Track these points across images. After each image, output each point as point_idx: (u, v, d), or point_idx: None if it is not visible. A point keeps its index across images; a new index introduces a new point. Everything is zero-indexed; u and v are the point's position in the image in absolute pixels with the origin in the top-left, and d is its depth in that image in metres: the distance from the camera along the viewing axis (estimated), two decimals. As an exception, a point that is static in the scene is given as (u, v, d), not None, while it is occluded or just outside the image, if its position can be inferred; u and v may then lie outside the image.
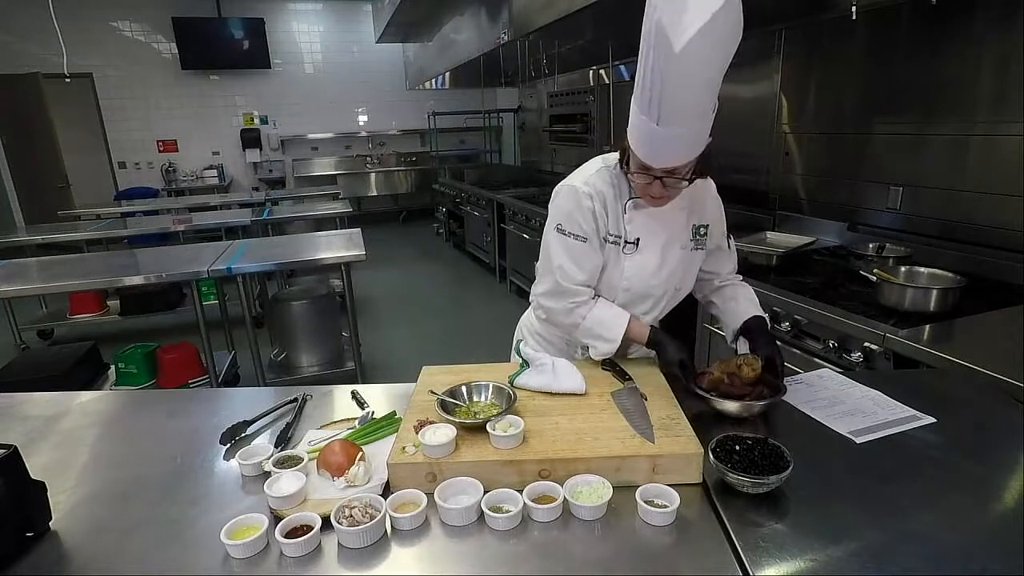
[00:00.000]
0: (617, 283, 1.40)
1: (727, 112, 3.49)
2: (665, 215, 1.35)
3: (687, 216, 1.38)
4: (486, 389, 1.22)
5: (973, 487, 0.98)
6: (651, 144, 1.15)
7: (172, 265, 3.22)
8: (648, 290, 1.40)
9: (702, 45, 1.00)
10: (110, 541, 0.95)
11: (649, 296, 1.41)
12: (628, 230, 1.36)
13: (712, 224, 1.42)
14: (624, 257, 1.37)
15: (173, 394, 1.32)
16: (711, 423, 1.15)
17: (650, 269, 1.38)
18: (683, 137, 1.13)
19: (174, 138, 8.37)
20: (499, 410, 1.14)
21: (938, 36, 2.27)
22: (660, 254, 1.37)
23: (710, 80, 1.08)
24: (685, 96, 1.07)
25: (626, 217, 1.35)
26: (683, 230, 1.39)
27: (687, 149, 1.16)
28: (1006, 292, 1.99)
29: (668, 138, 1.12)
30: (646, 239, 1.36)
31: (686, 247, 1.40)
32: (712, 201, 1.42)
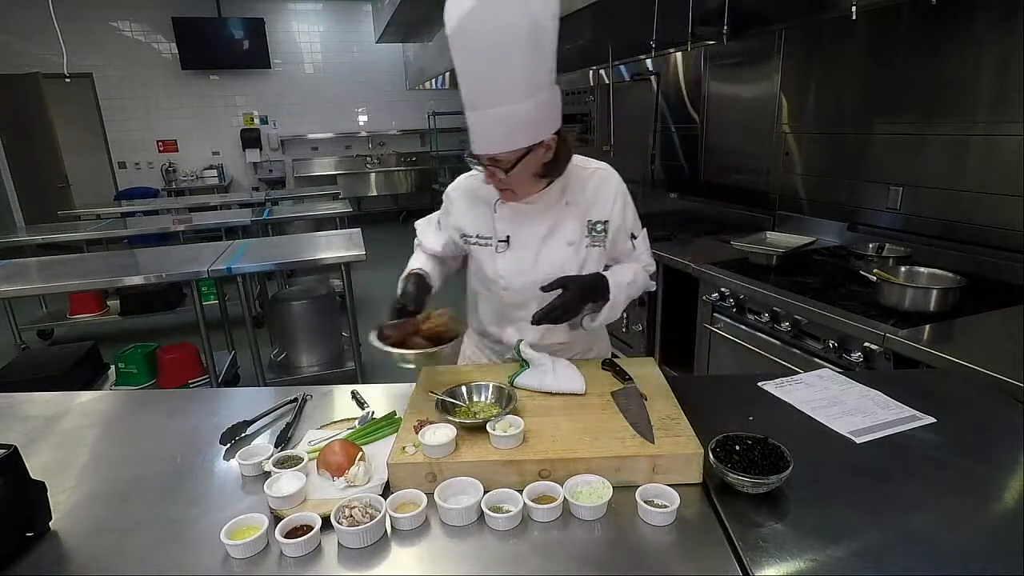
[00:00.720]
0: (496, 282, 1.38)
1: (727, 112, 3.49)
2: (541, 209, 1.33)
3: (579, 210, 1.35)
4: (486, 389, 1.22)
5: (973, 487, 0.98)
6: (470, 129, 1.19)
7: (172, 265, 3.22)
8: (529, 287, 1.35)
9: (479, 24, 1.05)
10: (110, 541, 0.95)
11: (532, 295, 1.33)
12: (498, 228, 1.36)
13: (613, 221, 1.37)
14: (497, 256, 1.36)
15: (173, 394, 1.32)
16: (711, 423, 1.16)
17: (524, 266, 1.35)
18: (492, 122, 1.15)
19: (174, 138, 8.38)
20: (499, 410, 1.14)
21: (938, 36, 2.27)
22: (535, 249, 1.35)
23: (503, 66, 1.10)
24: (476, 79, 1.12)
25: (496, 216, 1.36)
26: (572, 224, 1.34)
27: (500, 136, 1.16)
28: (1006, 292, 1.99)
29: (478, 122, 1.16)
30: (518, 236, 1.35)
31: (576, 243, 1.35)
32: (614, 196, 1.37)
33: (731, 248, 2.61)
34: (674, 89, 3.97)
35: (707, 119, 3.69)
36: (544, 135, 1.19)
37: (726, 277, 2.37)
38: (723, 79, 3.53)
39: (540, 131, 1.18)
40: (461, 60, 1.11)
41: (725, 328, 2.41)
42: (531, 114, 1.15)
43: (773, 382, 1.36)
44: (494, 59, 1.09)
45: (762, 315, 2.19)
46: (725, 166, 3.61)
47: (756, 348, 2.21)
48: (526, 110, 1.14)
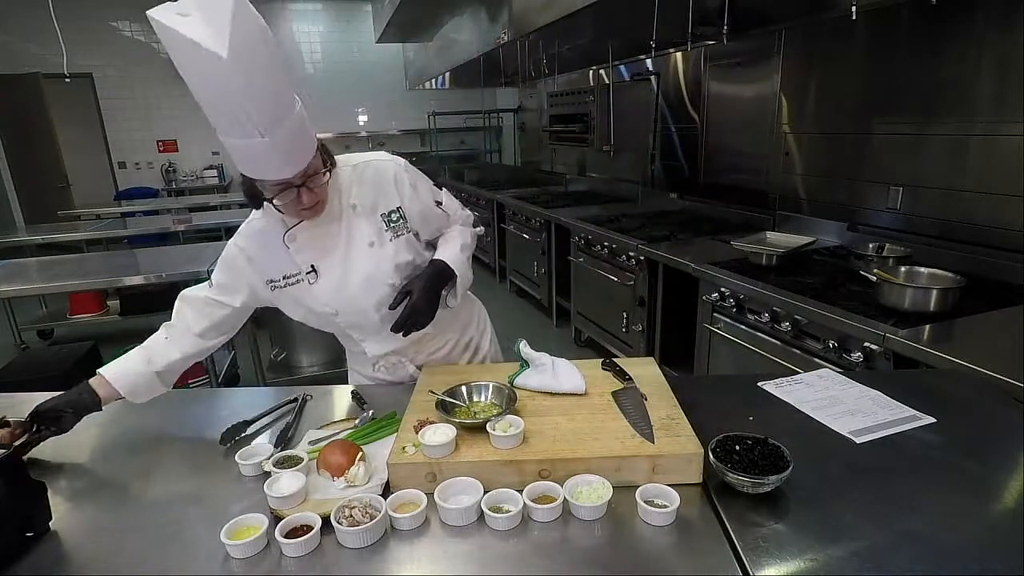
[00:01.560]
0: (324, 313, 1.34)
1: (727, 112, 3.49)
2: (330, 226, 1.28)
3: (367, 208, 1.30)
4: (486, 389, 1.22)
5: (973, 487, 0.98)
6: (271, 159, 1.07)
7: (172, 265, 3.22)
8: (355, 303, 1.32)
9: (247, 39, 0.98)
10: (110, 541, 0.95)
11: (361, 307, 1.33)
12: (299, 261, 1.29)
13: (405, 204, 1.33)
14: (312, 287, 1.31)
15: (173, 394, 1.32)
16: (711, 423, 1.16)
17: (339, 285, 1.31)
18: (293, 134, 1.07)
19: (174, 138, 8.37)
20: (499, 410, 1.14)
21: (938, 36, 2.27)
22: (343, 267, 1.30)
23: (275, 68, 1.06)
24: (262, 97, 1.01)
25: (292, 250, 1.28)
26: (365, 226, 1.30)
27: (304, 143, 1.11)
28: (1006, 292, 1.99)
29: (281, 143, 1.05)
30: (321, 259, 1.30)
31: (378, 241, 1.30)
32: (396, 182, 1.32)
33: (731, 248, 2.62)
34: (674, 89, 3.97)
35: (707, 119, 3.69)
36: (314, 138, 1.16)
37: (726, 277, 2.37)
38: (723, 79, 3.53)
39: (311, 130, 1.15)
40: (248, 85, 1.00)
41: (725, 328, 2.42)
42: (303, 117, 1.11)
43: (773, 382, 1.36)
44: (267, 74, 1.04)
45: (762, 315, 2.19)
46: (725, 166, 3.61)
47: (756, 348, 2.21)
48: (300, 114, 1.10)
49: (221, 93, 1.00)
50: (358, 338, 1.42)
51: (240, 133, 1.03)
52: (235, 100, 1.00)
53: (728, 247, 2.66)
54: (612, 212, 4.01)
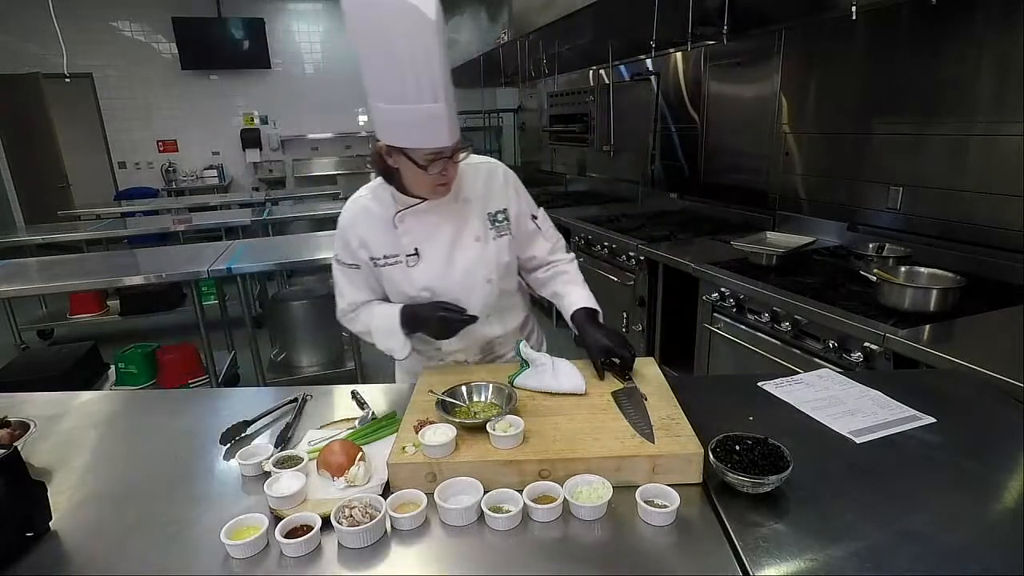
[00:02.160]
0: (418, 296, 1.38)
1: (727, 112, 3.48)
2: (443, 213, 1.35)
3: (478, 205, 1.37)
4: (486, 389, 1.22)
5: (973, 487, 0.98)
6: (432, 126, 1.14)
7: (172, 265, 3.22)
8: (449, 291, 1.37)
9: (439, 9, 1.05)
10: (110, 541, 0.95)
11: (455, 297, 1.37)
12: (404, 244, 1.35)
13: (510, 207, 1.40)
14: (411, 270, 1.36)
15: (173, 394, 1.32)
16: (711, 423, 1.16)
17: (439, 271, 1.36)
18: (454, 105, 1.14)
19: (174, 138, 8.37)
20: (499, 410, 1.14)
21: (938, 36, 2.27)
22: (446, 254, 1.36)
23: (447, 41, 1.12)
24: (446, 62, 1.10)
25: (399, 231, 1.35)
26: (474, 221, 1.37)
27: (454, 121, 1.17)
28: (1006, 292, 1.99)
29: (445, 111, 1.12)
30: (426, 244, 1.35)
31: (483, 237, 1.37)
32: (505, 184, 1.41)
33: (731, 248, 2.62)
34: (674, 89, 3.97)
35: (707, 119, 3.69)
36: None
37: (726, 277, 2.37)
38: (723, 79, 3.53)
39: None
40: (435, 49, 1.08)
41: (725, 328, 2.42)
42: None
43: (773, 382, 1.36)
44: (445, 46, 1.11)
45: (762, 315, 2.19)
46: (725, 166, 3.61)
47: (756, 348, 2.21)
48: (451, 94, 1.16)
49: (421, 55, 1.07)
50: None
51: (417, 98, 1.09)
52: (429, 63, 1.07)
53: (728, 247, 2.66)
54: (612, 212, 4.01)
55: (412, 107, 1.11)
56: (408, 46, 1.06)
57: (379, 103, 1.14)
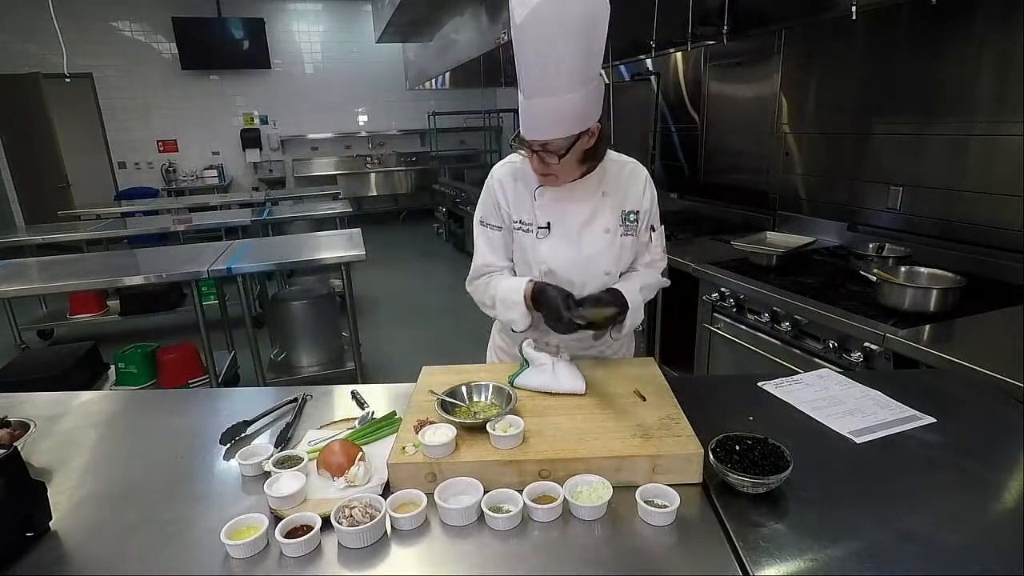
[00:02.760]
0: (536, 267, 1.41)
1: (727, 112, 3.47)
2: (580, 198, 1.38)
3: (615, 200, 1.40)
4: (486, 389, 1.22)
5: (973, 487, 0.98)
6: (523, 115, 1.22)
7: (172, 265, 3.22)
8: (569, 273, 1.40)
9: (543, 19, 1.09)
10: (110, 541, 0.95)
11: (571, 281, 1.40)
12: (538, 215, 1.39)
13: (643, 211, 1.43)
14: (539, 242, 1.40)
15: (173, 394, 1.32)
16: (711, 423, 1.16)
17: (566, 251, 1.39)
18: (546, 110, 1.18)
19: (174, 138, 8.38)
20: (499, 410, 1.14)
21: (938, 36, 2.27)
22: (575, 236, 1.39)
23: (562, 58, 1.13)
24: (536, 69, 1.14)
25: (536, 203, 1.39)
26: (608, 213, 1.40)
27: (554, 122, 1.20)
28: (1006, 292, 1.99)
29: (533, 110, 1.19)
30: (558, 222, 1.39)
31: (612, 231, 1.40)
32: (644, 188, 1.44)
33: (731, 248, 2.61)
34: (674, 89, 3.97)
35: (707, 119, 3.69)
36: (590, 123, 1.24)
37: (726, 277, 2.37)
38: (723, 79, 3.52)
39: (587, 119, 1.23)
40: (525, 51, 1.15)
41: (725, 328, 2.42)
42: (582, 103, 1.19)
43: (773, 382, 1.36)
44: (556, 50, 1.13)
45: (762, 315, 2.19)
46: (725, 166, 3.61)
47: (756, 348, 2.21)
48: (578, 99, 1.18)
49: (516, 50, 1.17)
50: None
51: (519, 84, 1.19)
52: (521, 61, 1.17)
53: (728, 247, 2.66)
54: (612, 212, 4.00)
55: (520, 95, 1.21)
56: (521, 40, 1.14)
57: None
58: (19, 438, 1.17)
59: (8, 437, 1.17)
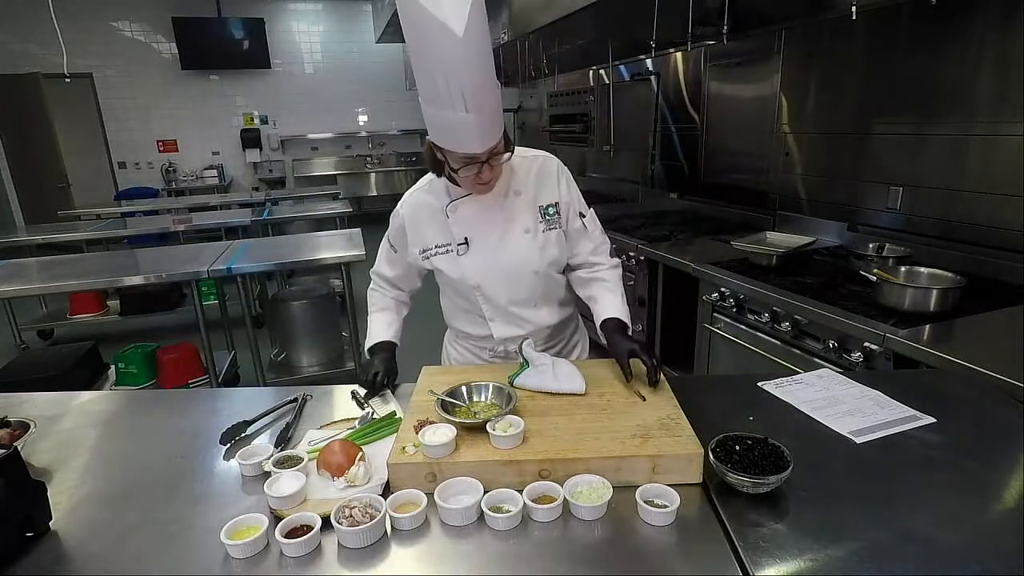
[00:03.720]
0: (466, 283, 1.41)
1: (727, 112, 3.47)
2: (493, 205, 1.37)
3: (528, 197, 1.39)
4: (486, 389, 1.22)
5: (973, 487, 0.98)
6: (466, 133, 1.16)
7: (172, 265, 3.22)
8: (498, 281, 1.40)
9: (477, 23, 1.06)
10: (110, 541, 0.95)
11: (503, 287, 1.41)
12: (455, 233, 1.39)
13: (562, 201, 1.42)
14: (460, 259, 1.39)
15: (173, 394, 1.32)
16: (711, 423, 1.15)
17: (489, 262, 1.39)
18: (490, 115, 1.17)
19: (174, 138, 8.37)
20: (499, 410, 1.14)
21: (938, 36, 2.27)
22: (495, 244, 1.39)
23: (490, 52, 1.14)
24: (480, 76, 1.11)
25: (450, 221, 1.38)
26: (524, 213, 1.39)
27: (497, 123, 1.20)
28: (1006, 292, 1.99)
29: (479, 121, 1.15)
30: (476, 234, 1.38)
31: (533, 230, 1.39)
32: (557, 178, 1.43)
33: (731, 248, 2.61)
34: (674, 89, 3.97)
35: (707, 119, 3.69)
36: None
37: (726, 277, 2.37)
38: (723, 79, 3.52)
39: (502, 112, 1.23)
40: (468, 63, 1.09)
41: (725, 328, 2.41)
42: (499, 100, 1.20)
43: (773, 382, 1.36)
44: (485, 56, 1.13)
45: (762, 315, 2.19)
46: (725, 166, 3.61)
47: (756, 348, 2.21)
48: (498, 96, 1.19)
49: (448, 68, 1.09)
50: (488, 317, 1.47)
51: (450, 106, 1.12)
52: (458, 76, 1.09)
53: (728, 247, 2.66)
54: (612, 212, 4.01)
55: (445, 113, 1.14)
56: (440, 58, 1.08)
57: (423, 103, 1.18)
58: (19, 438, 1.17)
59: (8, 437, 1.17)
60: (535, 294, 1.45)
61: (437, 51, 1.08)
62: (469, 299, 1.46)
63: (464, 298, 1.48)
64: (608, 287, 1.46)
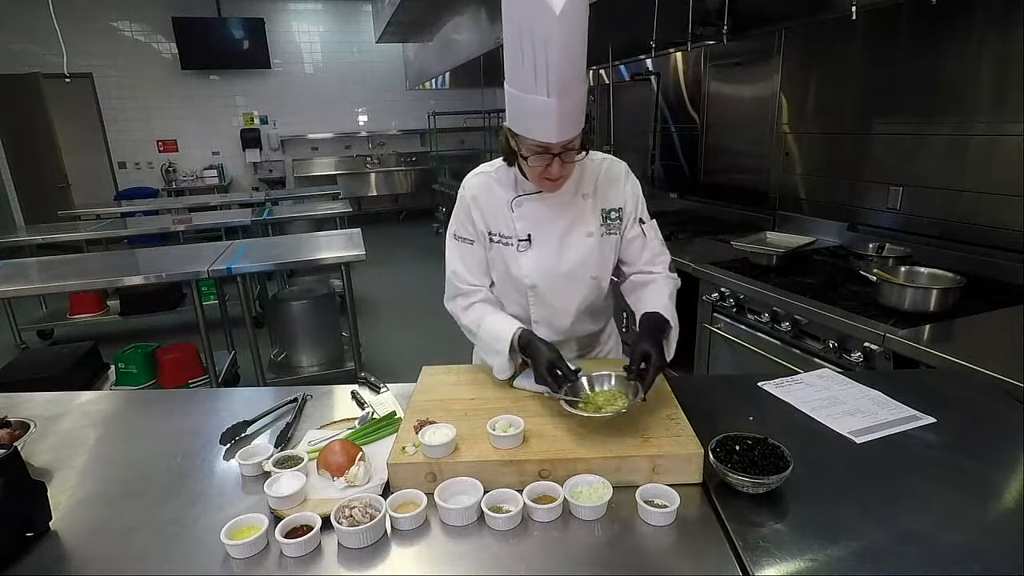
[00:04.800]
0: (522, 281, 1.38)
1: (727, 112, 3.47)
2: (559, 205, 1.33)
3: (593, 201, 1.36)
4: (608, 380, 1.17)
5: (973, 487, 0.98)
6: (545, 119, 1.12)
7: (172, 265, 3.22)
8: (555, 283, 1.37)
9: (576, 4, 1.03)
10: (110, 541, 0.95)
11: (560, 290, 1.38)
12: (518, 227, 1.35)
13: (626, 207, 1.39)
14: (520, 255, 1.36)
15: (173, 394, 1.32)
16: (711, 423, 1.15)
17: (549, 262, 1.35)
18: (573, 104, 1.13)
19: (174, 138, 8.38)
20: (625, 399, 1.11)
21: (938, 36, 2.27)
22: (557, 245, 1.35)
23: (585, 40, 1.10)
24: (571, 60, 1.08)
25: (514, 215, 1.35)
26: (588, 216, 1.36)
27: (578, 117, 1.16)
28: (1006, 292, 1.99)
29: (561, 108, 1.11)
30: (539, 232, 1.35)
31: (595, 233, 1.36)
32: (624, 183, 1.39)
33: (731, 248, 2.61)
34: (674, 89, 3.97)
35: (707, 119, 3.69)
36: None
37: (726, 277, 2.37)
38: (723, 79, 3.52)
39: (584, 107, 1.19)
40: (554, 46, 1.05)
41: (725, 328, 2.41)
42: (584, 93, 1.16)
43: (773, 382, 1.36)
44: (584, 35, 1.08)
45: (762, 315, 2.19)
46: (725, 166, 3.61)
47: (756, 348, 2.21)
48: (584, 89, 1.15)
49: (538, 45, 1.05)
50: (535, 317, 1.43)
51: (533, 87, 1.09)
52: (545, 56, 1.05)
53: (728, 247, 2.66)
54: (612, 212, 4.00)
55: (528, 96, 1.11)
56: (532, 35, 1.05)
57: (508, 86, 1.15)
58: (19, 438, 1.17)
59: (8, 437, 1.17)
60: (586, 300, 1.41)
61: (531, 25, 1.05)
62: (519, 296, 1.42)
63: (514, 292, 1.42)
64: (658, 288, 1.39)
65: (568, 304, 1.40)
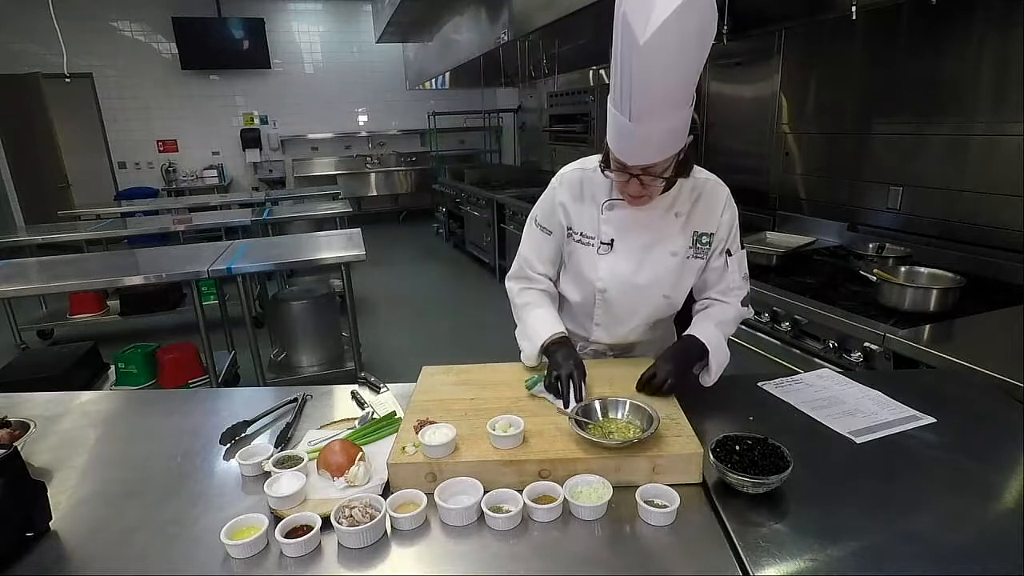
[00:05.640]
0: (593, 283, 1.37)
1: (727, 112, 3.47)
2: (649, 217, 1.31)
3: (685, 221, 1.33)
4: (623, 406, 1.14)
5: (973, 487, 0.98)
6: (624, 141, 1.13)
7: (172, 265, 3.22)
8: (626, 293, 1.36)
9: (667, 38, 0.99)
10: (110, 541, 0.95)
11: (629, 300, 1.37)
12: (603, 231, 1.34)
13: (719, 233, 1.35)
14: (599, 258, 1.35)
15: (173, 394, 1.32)
16: (711, 423, 1.15)
17: (625, 272, 1.34)
18: (655, 133, 1.11)
19: (174, 138, 8.37)
20: (639, 431, 1.06)
21: (938, 36, 2.27)
22: (638, 257, 1.34)
23: (681, 75, 1.07)
24: (654, 90, 1.06)
25: (603, 217, 1.34)
26: (677, 235, 1.33)
27: (660, 146, 1.13)
28: (1006, 292, 1.99)
29: (641, 134, 1.10)
30: (622, 240, 1.34)
31: (680, 254, 1.33)
32: (723, 210, 1.35)
33: (731, 248, 2.61)
34: (674, 89, 3.96)
35: (707, 119, 3.69)
36: (686, 138, 1.17)
37: (726, 277, 2.36)
38: (723, 79, 3.52)
39: (686, 134, 1.16)
40: (639, 72, 1.04)
41: (725, 328, 2.41)
42: (686, 120, 1.13)
43: (773, 382, 1.36)
44: (674, 69, 1.06)
45: (762, 315, 2.19)
46: (725, 166, 3.59)
47: (756, 348, 2.21)
48: (684, 116, 1.13)
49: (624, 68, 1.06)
50: (597, 320, 1.42)
51: (620, 108, 1.10)
52: (630, 81, 1.06)
53: (728, 247, 2.65)
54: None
55: (616, 114, 1.11)
56: (622, 57, 1.06)
57: (609, 96, 1.15)
58: (19, 438, 1.17)
59: (8, 437, 1.17)
60: (652, 316, 1.40)
61: (621, 48, 1.05)
62: (587, 297, 1.41)
63: (582, 291, 1.41)
64: (709, 314, 1.37)
65: (634, 315, 1.39)
